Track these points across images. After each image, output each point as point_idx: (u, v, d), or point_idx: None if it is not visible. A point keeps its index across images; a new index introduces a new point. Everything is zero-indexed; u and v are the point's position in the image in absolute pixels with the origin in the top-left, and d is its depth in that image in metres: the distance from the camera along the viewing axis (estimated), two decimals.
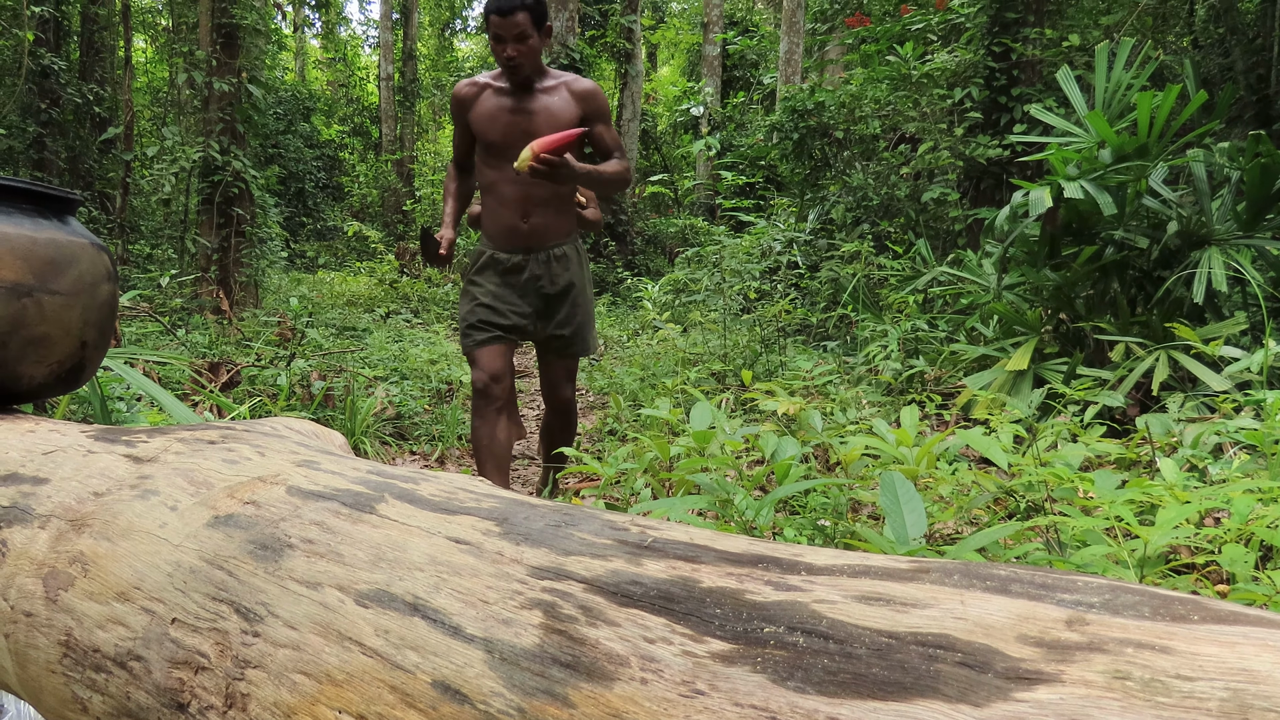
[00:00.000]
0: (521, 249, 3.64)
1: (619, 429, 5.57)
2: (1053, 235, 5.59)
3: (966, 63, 8.67)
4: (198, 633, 0.91)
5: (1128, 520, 2.16)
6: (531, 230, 3.62)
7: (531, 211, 3.59)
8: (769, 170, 14.03)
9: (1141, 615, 0.54)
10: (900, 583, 0.62)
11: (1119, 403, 4.27)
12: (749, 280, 8.70)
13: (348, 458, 1.13)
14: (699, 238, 11.98)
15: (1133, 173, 5.21)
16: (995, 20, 8.45)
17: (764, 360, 6.99)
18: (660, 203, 19.94)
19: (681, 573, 0.69)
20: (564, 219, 3.71)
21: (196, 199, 11.31)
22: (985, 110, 8.47)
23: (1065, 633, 0.54)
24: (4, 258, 1.50)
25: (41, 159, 12.97)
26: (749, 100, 19.38)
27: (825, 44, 14.60)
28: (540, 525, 0.82)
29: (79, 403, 3.99)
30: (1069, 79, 5.97)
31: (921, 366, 5.84)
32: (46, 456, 1.30)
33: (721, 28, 19.66)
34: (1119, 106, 5.63)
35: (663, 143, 22.55)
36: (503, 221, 3.61)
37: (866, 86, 9.26)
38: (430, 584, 0.79)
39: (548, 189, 3.53)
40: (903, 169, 8.66)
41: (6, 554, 1.17)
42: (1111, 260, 5.33)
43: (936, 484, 3.03)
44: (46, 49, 12.96)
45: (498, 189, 3.60)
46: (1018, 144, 7.61)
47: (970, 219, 8.08)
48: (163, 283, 8.82)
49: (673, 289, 10.38)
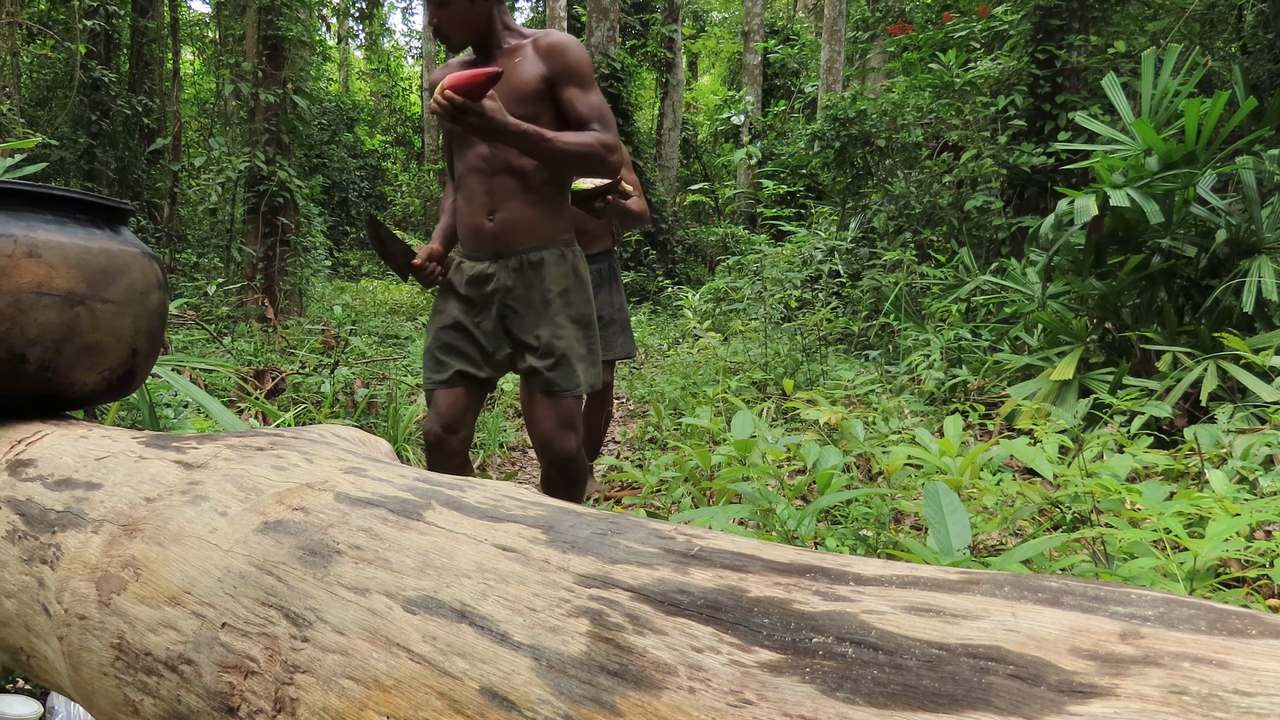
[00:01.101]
0: (488, 253, 2.92)
1: (660, 437, 5.58)
2: (1098, 244, 5.53)
3: (1010, 70, 8.60)
4: (247, 637, 0.92)
5: (1176, 532, 2.13)
6: (498, 229, 2.89)
7: (498, 205, 2.88)
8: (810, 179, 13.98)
9: (1198, 629, 0.53)
10: (950, 594, 0.62)
11: (1166, 413, 4.21)
12: (790, 289, 8.67)
13: (394, 465, 1.14)
14: (740, 246, 11.96)
15: (1180, 180, 5.15)
16: (1039, 27, 8.38)
17: (805, 369, 6.97)
18: (701, 211, 19.93)
19: (729, 582, 0.69)
20: (544, 216, 2.92)
21: (242, 208, 11.46)
22: (1029, 118, 8.40)
23: (1119, 646, 0.54)
24: (58, 267, 1.52)
25: (92, 169, 13.19)
26: (790, 109, 19.33)
27: (867, 52, 14.54)
28: (586, 533, 0.82)
29: (128, 409, 4.05)
30: (1115, 86, 5.91)
31: (965, 376, 5.79)
32: (99, 462, 1.32)
33: (762, 36, 19.65)
34: (1166, 113, 5.57)
35: (703, 151, 22.56)
36: (467, 219, 2.94)
37: (909, 94, 9.21)
38: (477, 591, 0.79)
39: (518, 176, 2.85)
40: (945, 177, 8.61)
41: (61, 558, 1.18)
42: (1158, 269, 5.26)
43: (980, 495, 3.01)
44: (97, 62, 13.19)
45: (463, 181, 2.94)
46: (1062, 152, 7.54)
47: (1014, 227, 8.01)
48: (209, 291, 8.93)
49: (713, 297, 10.37)
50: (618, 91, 16.15)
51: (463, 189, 2.94)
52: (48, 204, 1.57)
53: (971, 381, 5.84)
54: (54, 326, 1.52)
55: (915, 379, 6.21)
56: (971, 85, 8.62)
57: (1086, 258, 5.61)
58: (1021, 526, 3.21)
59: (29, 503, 1.32)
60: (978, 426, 5.24)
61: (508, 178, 2.86)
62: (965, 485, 3.01)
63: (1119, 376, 4.91)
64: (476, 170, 2.89)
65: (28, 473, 1.38)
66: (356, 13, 29.66)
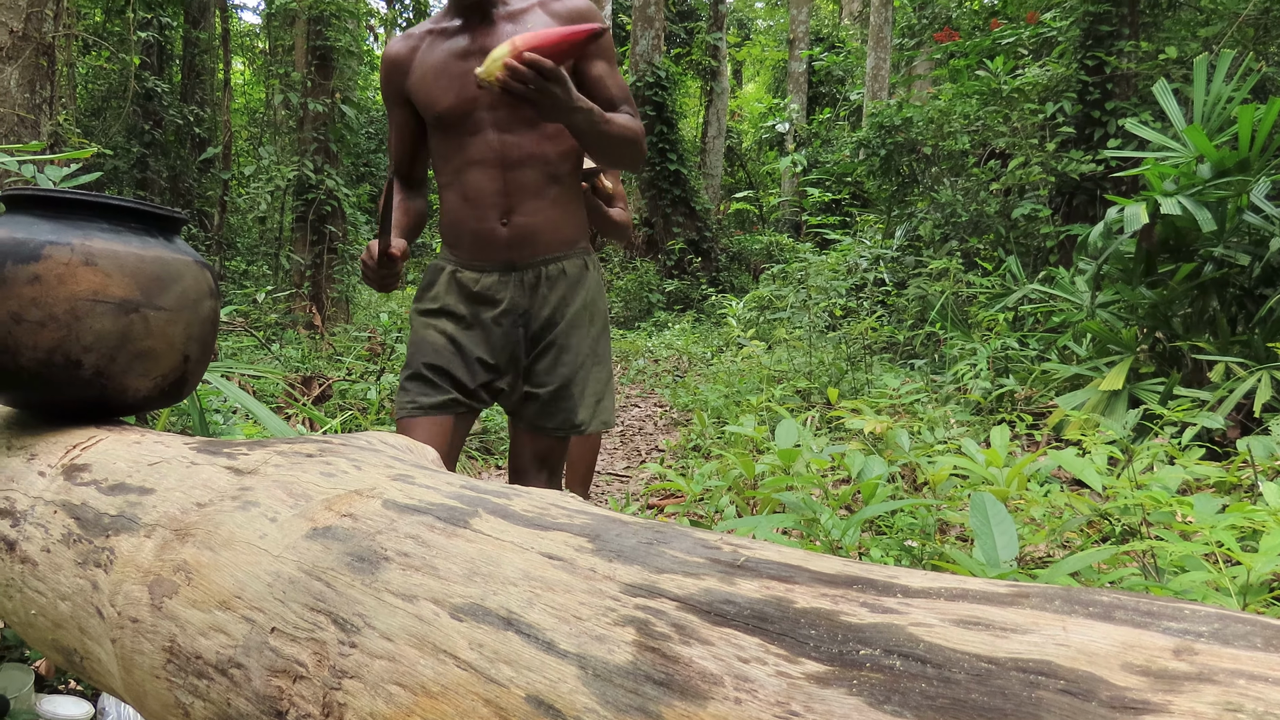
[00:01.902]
0: (499, 264, 2.40)
1: (703, 445, 5.57)
2: (1149, 252, 5.46)
3: (1058, 77, 8.52)
4: (296, 642, 0.93)
5: (1229, 546, 2.10)
6: (515, 235, 2.37)
7: (516, 205, 2.35)
8: (855, 187, 13.94)
9: (1253, 646, 0.53)
10: (999, 607, 0.61)
11: (1219, 424, 4.15)
12: (835, 297, 8.64)
13: (441, 472, 1.15)
14: (784, 254, 11.94)
15: (1233, 188, 5.07)
16: (1088, 33, 8.30)
17: (850, 378, 6.93)
18: (745, 219, 19.91)
19: (775, 593, 0.69)
20: (567, 216, 2.44)
21: (291, 217, 11.61)
22: (1078, 125, 8.32)
23: (1173, 662, 0.53)
24: (114, 274, 1.55)
25: (144, 178, 13.42)
26: (835, 116, 19.27)
27: (913, 59, 14.47)
28: (632, 542, 0.82)
29: (178, 414, 4.11)
30: (1166, 92, 5.84)
31: (1012, 386, 5.74)
32: (152, 468, 1.35)
33: (807, 44, 19.60)
34: (1219, 120, 5.49)
35: (748, 159, 22.54)
36: (470, 223, 2.39)
37: (955, 102, 9.15)
38: (524, 599, 0.79)
39: (541, 168, 2.35)
40: (992, 185, 8.54)
41: (114, 561, 1.20)
42: (1211, 278, 5.18)
43: (1028, 506, 2.97)
44: (150, 73, 13.43)
45: (463, 177, 2.38)
46: (1112, 159, 7.46)
47: (1062, 235, 7.93)
48: (258, 298, 9.05)
49: (757, 306, 10.35)
50: (662, 99, 16.18)
51: (459, 187, 2.39)
52: (104, 213, 1.60)
53: (1019, 391, 5.78)
54: (109, 334, 1.55)
55: (961, 388, 6.16)
56: (1019, 92, 8.55)
57: (1137, 266, 5.54)
58: (1069, 538, 3.17)
59: (84, 507, 1.34)
60: (1025, 437, 5.19)
61: (528, 171, 2.34)
62: (1012, 496, 2.98)
63: (1170, 387, 4.84)
64: (483, 163, 2.35)
65: (83, 477, 1.41)
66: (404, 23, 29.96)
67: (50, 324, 1.52)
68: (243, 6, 25.21)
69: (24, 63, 4.28)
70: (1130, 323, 5.64)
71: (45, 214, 1.58)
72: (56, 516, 1.36)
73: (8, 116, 4.25)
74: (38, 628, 1.36)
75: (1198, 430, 4.14)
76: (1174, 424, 4.31)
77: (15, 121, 4.28)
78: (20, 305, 1.51)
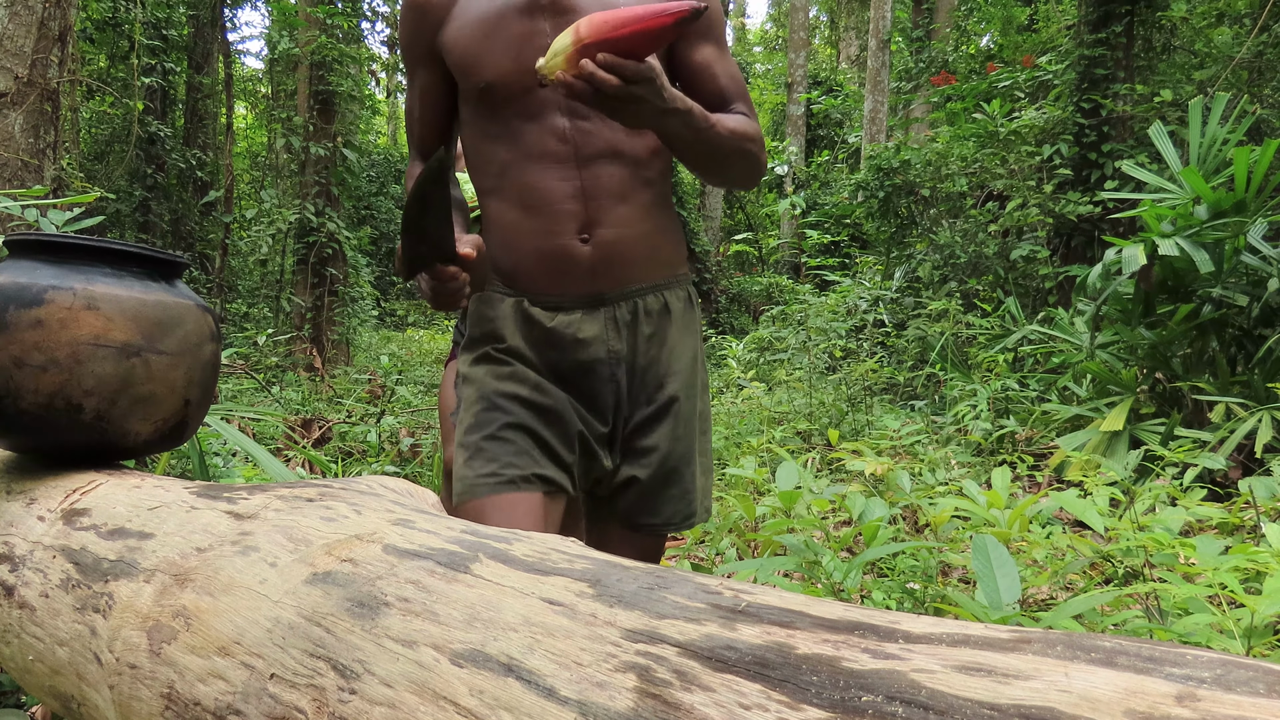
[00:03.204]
0: (580, 296, 1.75)
1: None
2: (1147, 293, 5.48)
3: (1055, 119, 8.59)
4: (295, 689, 0.92)
5: (1232, 588, 2.09)
6: (601, 254, 1.72)
7: (598, 215, 1.71)
8: (854, 228, 13.99)
9: (1256, 692, 0.52)
10: (1001, 653, 0.61)
11: (1220, 465, 4.14)
12: (835, 339, 8.65)
13: (441, 516, 1.15)
14: (784, 296, 11.96)
15: (1230, 229, 5.10)
16: (1084, 77, 8.37)
17: (850, 419, 6.93)
18: (745, 261, 19.96)
19: (776, 638, 0.69)
20: (666, 234, 1.81)
21: (292, 259, 11.66)
22: (1075, 166, 8.37)
23: (1175, 709, 0.53)
24: (115, 319, 1.56)
25: (146, 221, 13.48)
26: (833, 159, 19.39)
27: (910, 102, 14.58)
28: (633, 587, 0.82)
29: (178, 457, 4.11)
30: (1162, 135, 5.88)
31: (1012, 427, 5.73)
32: (152, 512, 1.34)
33: (806, 87, 19.75)
34: (1214, 162, 5.53)
35: (747, 201, 22.63)
36: (534, 240, 1.73)
37: (953, 144, 9.22)
38: (524, 645, 0.79)
39: (627, 166, 1.72)
40: (991, 226, 8.58)
41: (113, 607, 1.20)
42: (1209, 318, 5.20)
43: (1030, 548, 2.96)
44: (154, 117, 13.52)
45: (519, 178, 1.72)
46: (1109, 200, 7.50)
47: (1061, 276, 7.96)
48: (259, 341, 9.07)
49: (757, 347, 10.36)
50: None
51: (513, 191, 1.74)
52: (107, 258, 1.61)
53: (1019, 432, 5.78)
54: (110, 378, 1.55)
55: (962, 429, 6.15)
56: (1016, 135, 8.61)
57: (1135, 307, 5.56)
58: (1072, 580, 3.15)
59: (83, 551, 1.34)
60: (1026, 478, 5.18)
61: (612, 168, 1.70)
62: (1014, 538, 2.97)
63: (1170, 428, 4.84)
64: (548, 157, 1.70)
65: (82, 522, 1.40)
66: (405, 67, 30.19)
67: (52, 368, 1.52)
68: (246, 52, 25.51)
69: (28, 108, 4.32)
70: (1130, 363, 5.65)
71: (48, 259, 1.59)
72: (55, 561, 1.36)
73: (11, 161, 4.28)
74: (35, 673, 1.35)
75: (1199, 471, 4.13)
76: (1175, 465, 4.30)
77: (19, 166, 4.31)
78: (22, 350, 1.52)
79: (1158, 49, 8.89)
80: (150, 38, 12.97)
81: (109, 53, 13.62)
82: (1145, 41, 8.65)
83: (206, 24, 14.57)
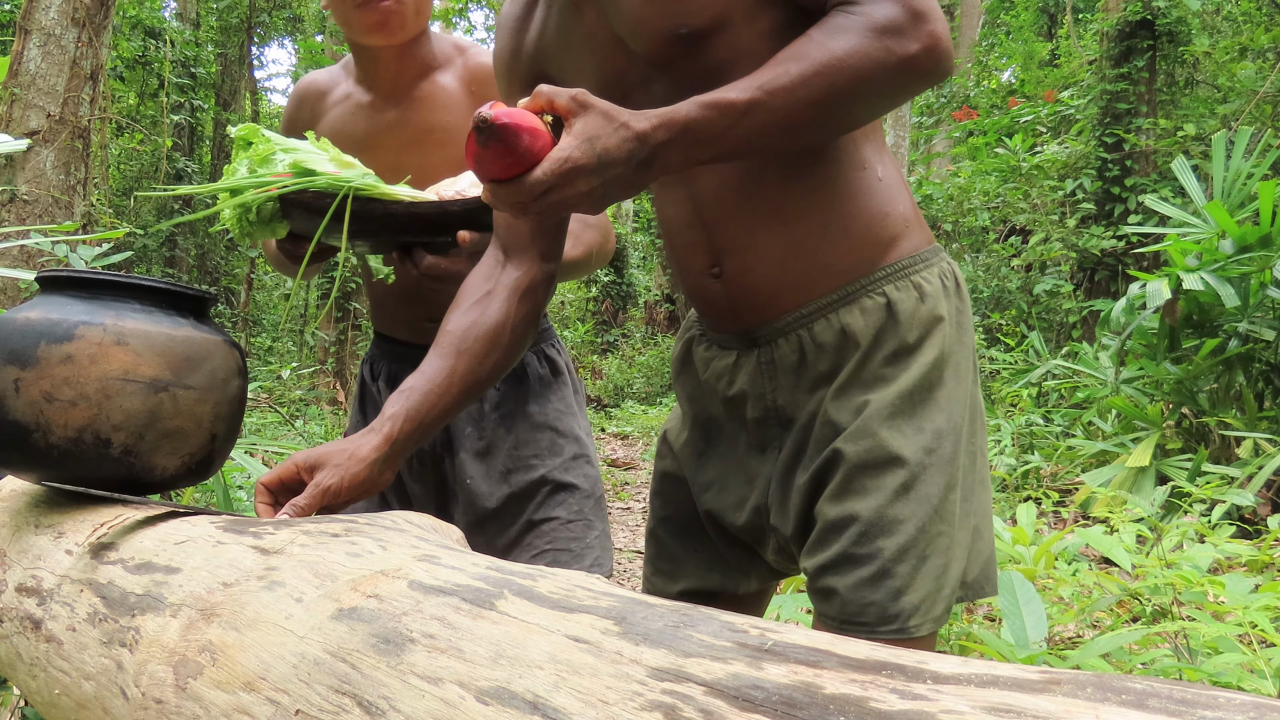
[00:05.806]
0: (734, 335, 1.38)
1: None
2: (1172, 328, 5.45)
3: (1077, 154, 8.59)
4: None
5: (1263, 627, 2.07)
6: (735, 291, 1.35)
7: (725, 242, 1.33)
8: None
9: None
10: (1031, 694, 0.61)
11: (1249, 502, 4.10)
12: None
13: (466, 552, 1.15)
14: None
15: (1256, 263, 5.07)
16: (1106, 111, 8.38)
17: None
18: None
19: (803, 678, 0.69)
20: (829, 232, 1.29)
21: (316, 294, 11.72)
22: (1098, 201, 8.36)
23: None
24: (144, 354, 1.57)
25: (173, 256, 13.63)
26: None
27: (932, 137, 14.61)
28: (659, 625, 0.82)
29: (202, 490, 4.13)
30: (1185, 169, 5.87)
31: (1037, 462, 5.69)
32: (179, 546, 1.35)
33: None
34: (1239, 196, 5.51)
35: None
36: (680, 276, 1.44)
37: (975, 179, 9.22)
38: (550, 682, 0.79)
39: (747, 172, 1.28)
40: (1013, 260, 8.56)
41: (140, 641, 1.20)
42: (1236, 353, 5.16)
43: (1056, 585, 2.94)
44: (181, 153, 13.69)
45: (659, 209, 1.43)
46: (1133, 235, 7.47)
47: (1085, 311, 7.93)
48: (283, 375, 9.11)
49: None
50: None
51: (661, 220, 1.44)
52: (136, 293, 1.62)
53: (1044, 468, 5.74)
54: (138, 412, 1.57)
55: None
56: (1039, 169, 8.61)
57: (1160, 342, 5.53)
58: (1099, 618, 3.12)
59: (110, 585, 1.34)
60: (1051, 514, 5.14)
61: (719, 176, 1.30)
62: (1040, 575, 2.95)
63: (1198, 463, 4.79)
64: (665, 179, 1.37)
65: (109, 556, 1.41)
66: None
67: (81, 403, 1.54)
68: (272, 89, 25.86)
69: (60, 145, 4.39)
70: (1155, 398, 5.61)
71: (79, 294, 1.61)
72: (83, 595, 1.37)
73: (43, 198, 4.34)
74: (61, 708, 1.35)
75: (1228, 508, 4.09)
76: (1203, 501, 4.26)
77: (50, 202, 4.37)
78: (53, 385, 1.53)
79: (1180, 84, 8.89)
80: (179, 75, 13.16)
81: (139, 90, 13.82)
82: (1168, 76, 8.65)
83: (234, 62, 14.77)
